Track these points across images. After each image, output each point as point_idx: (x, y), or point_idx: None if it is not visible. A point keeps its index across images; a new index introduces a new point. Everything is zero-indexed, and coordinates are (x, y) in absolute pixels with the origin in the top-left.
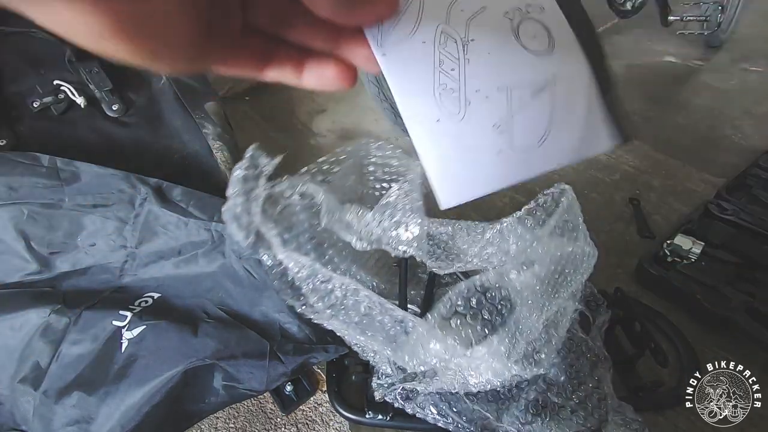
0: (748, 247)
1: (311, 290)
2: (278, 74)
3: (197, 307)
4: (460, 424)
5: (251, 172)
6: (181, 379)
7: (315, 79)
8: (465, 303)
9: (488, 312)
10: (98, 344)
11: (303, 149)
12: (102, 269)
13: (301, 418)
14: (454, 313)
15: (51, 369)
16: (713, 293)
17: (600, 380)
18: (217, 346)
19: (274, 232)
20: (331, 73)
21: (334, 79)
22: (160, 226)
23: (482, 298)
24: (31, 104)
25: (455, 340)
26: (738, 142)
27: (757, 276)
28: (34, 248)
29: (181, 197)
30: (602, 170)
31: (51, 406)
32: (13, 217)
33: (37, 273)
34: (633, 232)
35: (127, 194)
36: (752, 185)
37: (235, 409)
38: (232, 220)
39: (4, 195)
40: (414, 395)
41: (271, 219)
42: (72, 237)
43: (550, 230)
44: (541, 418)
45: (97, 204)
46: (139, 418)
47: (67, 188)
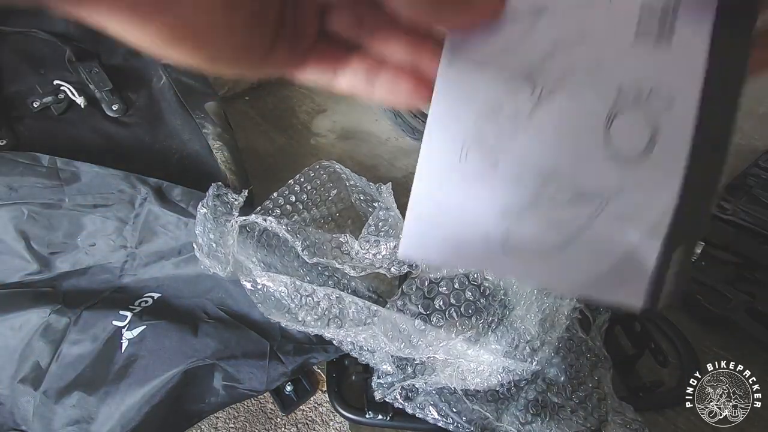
0: (748, 247)
1: (299, 306)
2: (349, 83)
3: (197, 307)
4: (460, 424)
5: (218, 209)
6: (181, 379)
7: (387, 91)
8: (458, 296)
9: (481, 303)
10: (98, 344)
11: (303, 149)
12: (102, 269)
13: (301, 418)
14: (448, 306)
15: (51, 369)
16: (713, 293)
17: (600, 380)
18: (217, 346)
19: (254, 259)
20: (406, 86)
21: (410, 93)
22: (160, 226)
23: (476, 290)
24: (31, 104)
25: (451, 334)
26: (738, 142)
27: (757, 276)
28: (34, 248)
29: (181, 197)
30: None
31: (51, 406)
32: (13, 217)
33: (37, 273)
34: None
35: (127, 194)
36: (752, 185)
37: (235, 409)
38: (205, 257)
39: (4, 195)
40: (414, 395)
41: (250, 246)
42: (72, 237)
43: None
44: (540, 418)
45: (97, 204)
46: (139, 418)
47: (67, 188)
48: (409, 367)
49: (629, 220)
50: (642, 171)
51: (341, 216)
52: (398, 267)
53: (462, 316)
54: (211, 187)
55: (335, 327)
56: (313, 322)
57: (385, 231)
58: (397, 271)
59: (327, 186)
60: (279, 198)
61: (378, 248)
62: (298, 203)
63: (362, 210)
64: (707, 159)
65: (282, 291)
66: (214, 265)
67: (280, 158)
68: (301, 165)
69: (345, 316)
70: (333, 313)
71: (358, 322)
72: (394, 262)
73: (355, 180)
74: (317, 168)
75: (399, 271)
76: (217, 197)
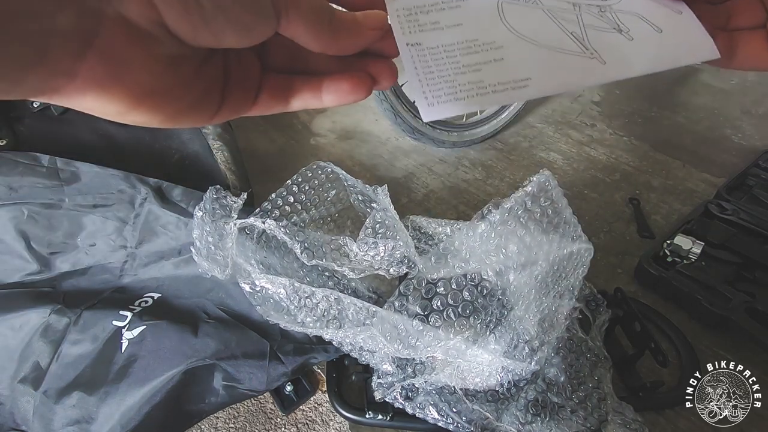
0: (748, 247)
1: (298, 308)
2: (301, 102)
3: (197, 307)
4: (460, 424)
5: (216, 212)
6: (181, 379)
7: (333, 96)
8: (456, 296)
9: (480, 303)
10: (98, 344)
11: (303, 149)
12: (102, 269)
13: (301, 418)
14: (446, 306)
15: (51, 369)
16: (713, 293)
17: (600, 380)
18: (217, 346)
19: (253, 261)
20: (346, 86)
21: (350, 91)
22: (160, 226)
23: (474, 290)
24: (31, 104)
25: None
26: (738, 142)
27: (757, 276)
28: (34, 248)
29: (181, 197)
30: (602, 170)
31: (51, 406)
32: (13, 217)
33: (37, 273)
34: (633, 232)
35: (127, 194)
36: (752, 185)
37: (235, 409)
38: (203, 260)
39: (4, 195)
40: (414, 395)
41: (249, 248)
42: (72, 237)
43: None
44: (540, 418)
45: (97, 204)
46: (140, 418)
47: (67, 188)
48: (408, 367)
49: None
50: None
51: (340, 216)
52: (397, 268)
53: (460, 317)
54: (209, 190)
55: (334, 328)
56: (312, 323)
57: (383, 233)
58: (396, 272)
59: (326, 186)
60: (277, 199)
61: (376, 250)
62: (297, 204)
63: (361, 210)
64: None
65: (281, 293)
66: (213, 268)
67: (280, 158)
68: (301, 165)
69: (344, 317)
70: (332, 314)
71: (357, 323)
72: (392, 263)
73: (352, 181)
74: (315, 168)
75: (398, 272)
76: (215, 200)
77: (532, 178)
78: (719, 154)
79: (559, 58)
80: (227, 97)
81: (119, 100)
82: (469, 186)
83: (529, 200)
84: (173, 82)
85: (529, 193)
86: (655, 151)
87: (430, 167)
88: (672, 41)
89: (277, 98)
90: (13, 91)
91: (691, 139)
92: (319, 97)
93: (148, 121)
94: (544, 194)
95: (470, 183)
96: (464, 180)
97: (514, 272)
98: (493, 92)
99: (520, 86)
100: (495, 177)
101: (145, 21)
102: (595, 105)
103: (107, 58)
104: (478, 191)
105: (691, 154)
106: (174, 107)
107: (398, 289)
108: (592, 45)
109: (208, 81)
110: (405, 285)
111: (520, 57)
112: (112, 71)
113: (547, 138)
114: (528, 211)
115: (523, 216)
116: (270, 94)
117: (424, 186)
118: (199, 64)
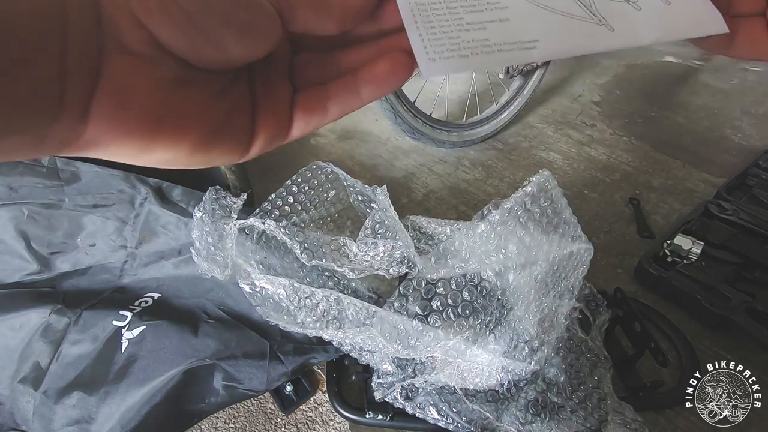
0: (748, 247)
1: (298, 308)
2: (339, 106)
3: (197, 307)
4: (460, 424)
5: (216, 213)
6: (181, 379)
7: (372, 85)
8: (455, 297)
9: (479, 303)
10: (98, 344)
11: (303, 149)
12: (102, 269)
13: (301, 418)
14: (446, 306)
15: (51, 369)
16: (713, 293)
17: (600, 380)
18: (217, 346)
19: (252, 261)
20: (383, 67)
21: (390, 72)
22: (160, 226)
23: (474, 290)
24: None
25: (449, 335)
26: (738, 142)
27: (757, 276)
28: (34, 248)
29: (181, 197)
30: (602, 170)
31: (51, 406)
32: (13, 217)
33: (37, 273)
34: (633, 232)
35: (127, 194)
36: (752, 185)
37: (235, 409)
38: (203, 261)
39: (4, 195)
40: (414, 395)
41: (249, 249)
42: (72, 237)
43: (536, 219)
44: (540, 418)
45: (97, 204)
46: (140, 418)
47: (67, 188)
48: (408, 367)
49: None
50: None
51: (340, 216)
52: (397, 268)
53: (460, 317)
54: (209, 190)
55: (334, 328)
56: (312, 323)
57: (382, 233)
58: (396, 272)
59: (325, 186)
60: (277, 199)
61: (376, 250)
62: (297, 204)
63: (361, 210)
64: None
65: (281, 293)
66: (212, 269)
67: (280, 158)
68: (301, 165)
69: (344, 318)
70: (332, 314)
71: (357, 324)
72: (392, 263)
73: (352, 181)
74: (314, 168)
75: (398, 272)
76: (215, 200)
77: (531, 178)
78: (719, 154)
79: (567, 22)
80: (260, 125)
81: (132, 132)
82: (469, 186)
83: (529, 200)
84: (185, 106)
85: (528, 194)
86: (655, 151)
87: (430, 167)
88: (680, 13)
89: (312, 110)
90: (40, 147)
91: (691, 139)
92: (357, 92)
93: (174, 157)
94: (544, 194)
95: (470, 183)
96: (464, 180)
97: (514, 272)
98: (498, 51)
99: (527, 47)
100: (495, 177)
101: (141, 45)
102: (595, 105)
103: (112, 90)
104: (478, 191)
105: (691, 154)
106: (195, 136)
107: (398, 290)
108: (600, 12)
109: (229, 105)
110: (405, 285)
111: (526, 19)
112: (118, 102)
113: (547, 138)
114: (528, 211)
115: (522, 216)
116: (304, 109)
117: (424, 186)
118: (220, 89)
